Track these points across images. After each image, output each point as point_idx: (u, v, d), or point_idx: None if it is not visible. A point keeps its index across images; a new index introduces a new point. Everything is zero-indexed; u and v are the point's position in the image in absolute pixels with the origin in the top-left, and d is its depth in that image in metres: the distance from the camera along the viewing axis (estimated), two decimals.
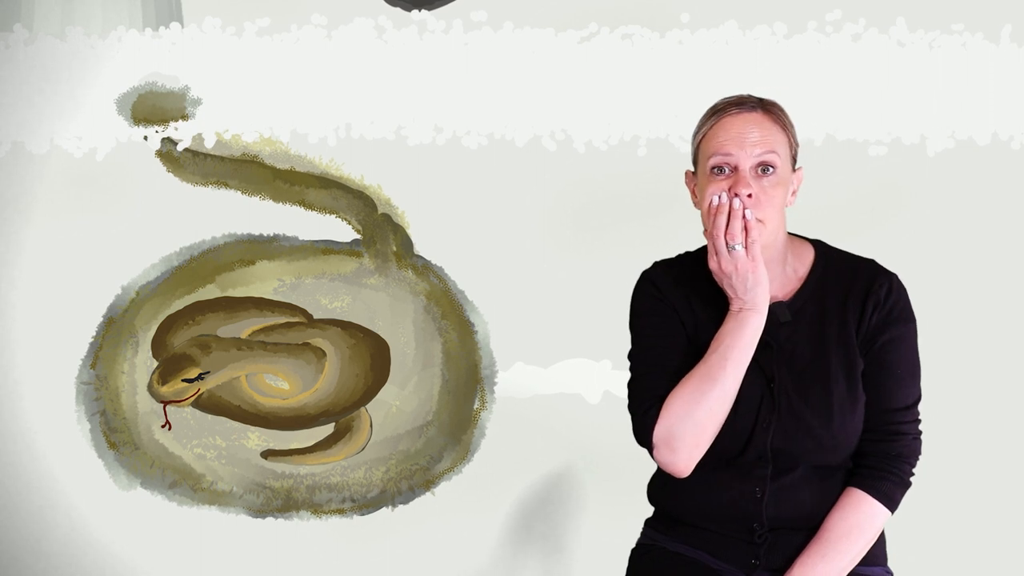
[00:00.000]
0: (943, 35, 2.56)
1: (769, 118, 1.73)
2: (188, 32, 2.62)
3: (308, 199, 2.67)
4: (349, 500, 2.69)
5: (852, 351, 1.73)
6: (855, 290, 1.74)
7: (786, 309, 1.75)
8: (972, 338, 2.60)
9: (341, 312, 2.70)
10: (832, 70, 2.57)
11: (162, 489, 2.69)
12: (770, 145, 1.71)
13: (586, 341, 2.61)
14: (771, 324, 1.73)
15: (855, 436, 1.74)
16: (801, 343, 1.74)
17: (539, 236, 2.66)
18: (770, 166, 1.70)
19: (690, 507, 1.80)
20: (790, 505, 1.74)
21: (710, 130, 1.74)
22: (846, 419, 1.72)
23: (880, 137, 2.58)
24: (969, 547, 2.61)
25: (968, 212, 2.61)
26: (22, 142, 2.64)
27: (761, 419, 1.72)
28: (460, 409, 2.68)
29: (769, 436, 1.72)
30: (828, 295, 1.76)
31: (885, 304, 1.73)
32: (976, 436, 2.59)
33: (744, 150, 1.69)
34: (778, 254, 1.77)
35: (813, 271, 1.78)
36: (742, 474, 1.74)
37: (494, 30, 2.59)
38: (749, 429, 1.72)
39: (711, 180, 1.72)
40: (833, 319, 1.74)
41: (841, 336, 1.74)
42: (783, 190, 1.73)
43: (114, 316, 2.68)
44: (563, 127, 2.61)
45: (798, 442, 1.71)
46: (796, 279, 1.78)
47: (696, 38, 2.58)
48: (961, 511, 2.59)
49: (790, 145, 1.76)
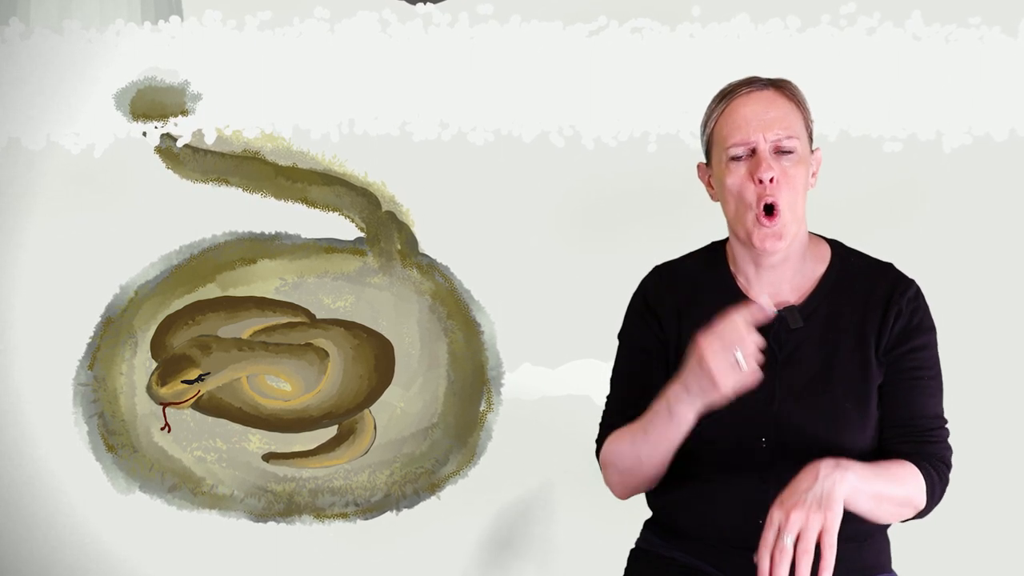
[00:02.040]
0: (960, 29, 2.54)
1: (783, 95, 1.69)
2: (188, 26, 2.62)
3: (310, 196, 2.67)
4: (353, 504, 2.69)
5: (867, 362, 1.67)
6: (875, 297, 1.69)
7: (798, 315, 1.69)
8: (991, 340, 2.57)
9: (344, 312, 2.69)
10: (846, 64, 2.55)
11: (161, 493, 2.69)
12: (787, 123, 1.65)
13: (595, 341, 2.53)
14: (780, 332, 1.67)
15: (864, 450, 1.66)
16: (810, 350, 1.68)
17: (546, 234, 2.64)
18: (789, 147, 1.64)
19: (690, 523, 1.75)
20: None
21: (721, 115, 1.70)
22: (856, 433, 1.66)
23: (895, 133, 2.56)
24: (974, 553, 2.58)
25: (985, 210, 2.58)
26: (18, 138, 2.64)
27: (758, 434, 1.66)
28: (466, 411, 2.68)
29: (767, 452, 1.66)
30: (843, 299, 1.70)
31: (908, 312, 1.68)
32: (995, 441, 2.57)
33: (761, 131, 1.63)
34: (800, 247, 1.72)
35: (828, 272, 1.73)
36: (746, 496, 1.67)
37: (501, 23, 2.59)
38: (744, 443, 1.66)
39: (729, 167, 1.67)
40: (848, 326, 1.69)
41: (858, 346, 1.68)
42: (804, 170, 1.68)
43: (112, 316, 2.68)
44: (571, 123, 2.60)
45: (800, 457, 1.60)
46: (811, 280, 1.73)
47: (707, 32, 2.57)
48: (965, 516, 2.53)
49: (806, 123, 1.71)
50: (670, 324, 1.75)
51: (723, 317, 1.53)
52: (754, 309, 1.53)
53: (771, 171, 1.61)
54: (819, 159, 1.74)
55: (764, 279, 1.72)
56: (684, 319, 1.73)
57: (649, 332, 1.77)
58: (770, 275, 1.71)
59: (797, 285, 1.72)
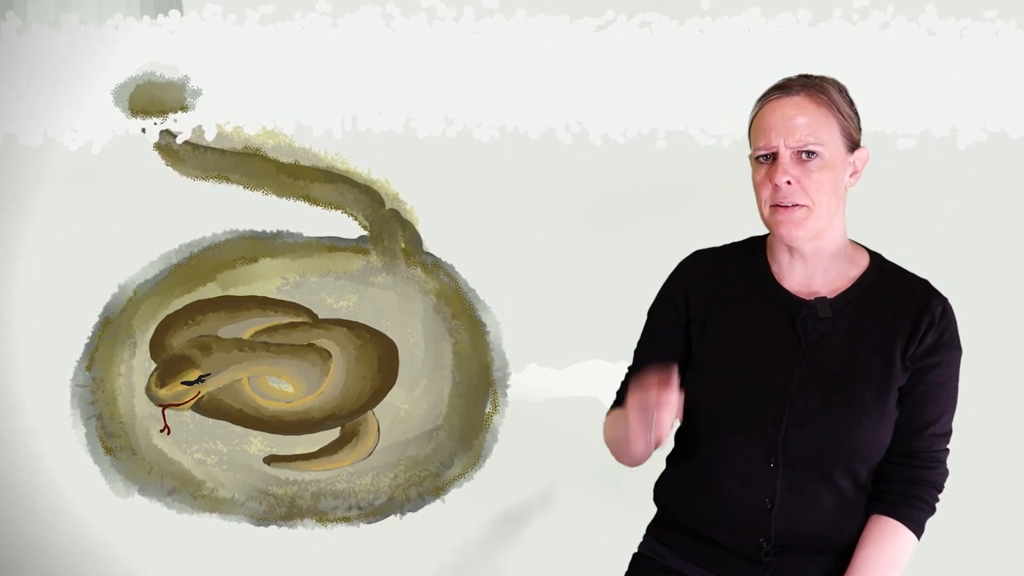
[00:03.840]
0: (974, 23, 2.54)
1: (813, 100, 1.73)
2: (188, 20, 2.62)
3: (313, 194, 2.66)
4: (356, 508, 2.69)
5: (891, 362, 1.72)
6: (909, 304, 1.75)
7: (828, 305, 1.75)
8: (1008, 341, 2.58)
9: (347, 312, 2.68)
10: (859, 60, 2.54)
11: (161, 496, 2.69)
12: (811, 130, 1.71)
13: (602, 342, 2.60)
14: (808, 318, 1.74)
15: (878, 450, 1.73)
16: (835, 342, 1.74)
17: (553, 233, 2.64)
18: (812, 151, 1.71)
19: (695, 513, 1.79)
20: (801, 522, 1.71)
21: (754, 118, 1.78)
22: (870, 427, 1.71)
23: (909, 130, 2.56)
24: (973, 554, 2.60)
25: (1001, 208, 2.58)
26: (14, 135, 2.64)
27: (773, 415, 1.71)
28: (471, 413, 2.68)
29: (780, 433, 1.71)
30: (876, 302, 1.76)
31: (939, 325, 1.74)
32: (1014, 440, 2.59)
33: (782, 138, 1.71)
34: (835, 245, 1.77)
35: (864, 277, 1.78)
36: (751, 481, 1.73)
37: (507, 17, 2.59)
38: (759, 424, 1.72)
39: (754, 168, 1.77)
40: (877, 327, 1.74)
41: (883, 345, 1.73)
42: (831, 174, 1.72)
43: (111, 316, 2.68)
44: (579, 119, 2.60)
45: (813, 443, 1.70)
46: (845, 279, 1.78)
47: (717, 26, 2.57)
48: (969, 521, 2.56)
49: (841, 126, 1.74)
50: (697, 304, 1.82)
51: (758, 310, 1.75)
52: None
53: (786, 175, 1.70)
54: (864, 158, 1.79)
55: (796, 269, 1.79)
56: (715, 301, 1.82)
57: (674, 312, 1.85)
58: (802, 266, 1.78)
59: (830, 280, 1.78)
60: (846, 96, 1.76)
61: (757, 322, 1.76)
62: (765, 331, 1.75)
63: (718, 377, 1.76)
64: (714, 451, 1.75)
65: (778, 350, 1.73)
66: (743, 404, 1.73)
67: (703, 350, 1.79)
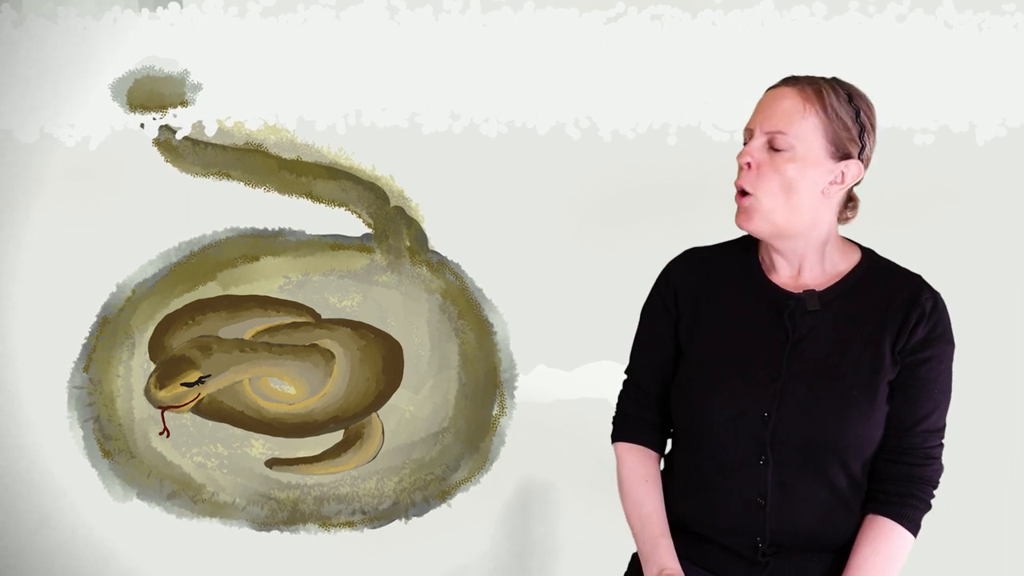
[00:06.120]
0: (993, 16, 2.55)
1: (801, 95, 1.72)
2: (187, 12, 2.62)
3: (316, 191, 2.66)
4: (360, 512, 2.68)
5: (881, 355, 1.73)
6: (899, 297, 1.76)
7: (816, 298, 1.76)
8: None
9: (351, 311, 2.67)
10: (875, 53, 2.55)
11: (160, 500, 2.69)
12: (787, 121, 1.71)
13: (612, 342, 2.50)
14: (796, 312, 1.75)
15: (869, 445, 1.74)
16: (823, 336, 1.75)
17: (562, 230, 2.64)
18: (780, 144, 1.72)
19: (691, 512, 1.81)
20: (795, 519, 1.72)
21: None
22: (860, 421, 1.71)
23: (927, 125, 2.56)
24: (974, 553, 2.60)
25: (1021, 204, 2.58)
26: (10, 131, 2.64)
27: (762, 409, 1.72)
28: (478, 415, 2.67)
29: (769, 428, 1.72)
30: (866, 296, 1.77)
31: (931, 319, 1.74)
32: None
33: (759, 123, 1.74)
34: (817, 243, 1.77)
35: (855, 271, 1.79)
36: (743, 478, 1.74)
37: (514, 10, 2.59)
38: (748, 419, 1.73)
39: None
40: (867, 320, 1.75)
41: (873, 338, 1.74)
42: (799, 172, 1.71)
43: (109, 316, 2.67)
44: (588, 114, 2.60)
45: (802, 438, 1.70)
46: (834, 274, 1.80)
47: (730, 19, 2.59)
48: (970, 522, 2.57)
49: (826, 128, 1.71)
50: (687, 300, 1.85)
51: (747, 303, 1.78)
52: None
53: (747, 157, 1.73)
54: (855, 173, 1.75)
55: (780, 263, 1.80)
56: (703, 297, 1.84)
57: (664, 310, 1.87)
58: (783, 261, 1.80)
59: (819, 274, 1.79)
60: (850, 105, 1.72)
61: (745, 316, 1.77)
62: (753, 325, 1.76)
63: (706, 372, 1.77)
64: (705, 448, 1.77)
65: (766, 344, 1.74)
66: (731, 399, 1.74)
67: (692, 346, 1.80)
